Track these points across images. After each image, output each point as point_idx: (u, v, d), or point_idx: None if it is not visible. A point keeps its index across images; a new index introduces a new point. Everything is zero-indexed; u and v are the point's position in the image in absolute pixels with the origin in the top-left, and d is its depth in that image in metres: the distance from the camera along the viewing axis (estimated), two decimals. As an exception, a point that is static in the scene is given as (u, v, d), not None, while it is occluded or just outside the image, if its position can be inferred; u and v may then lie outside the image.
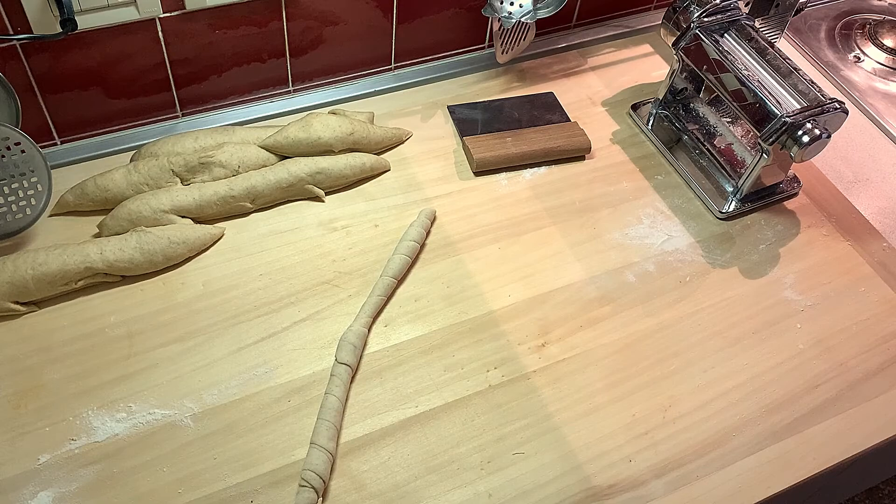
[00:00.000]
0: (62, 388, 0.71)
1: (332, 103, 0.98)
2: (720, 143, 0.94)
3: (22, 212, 0.78)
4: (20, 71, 0.81)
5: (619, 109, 1.02)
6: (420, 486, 0.67)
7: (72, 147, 0.90)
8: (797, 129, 0.82)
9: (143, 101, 0.90)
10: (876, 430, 0.75)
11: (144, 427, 0.69)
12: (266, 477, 0.67)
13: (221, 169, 0.84)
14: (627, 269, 0.85)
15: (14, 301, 0.74)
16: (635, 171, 0.94)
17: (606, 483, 0.69)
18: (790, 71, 0.86)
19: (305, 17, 0.91)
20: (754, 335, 0.81)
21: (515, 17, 0.95)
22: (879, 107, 1.06)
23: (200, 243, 0.81)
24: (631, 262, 0.85)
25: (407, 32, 0.99)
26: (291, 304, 0.78)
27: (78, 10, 0.77)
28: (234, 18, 0.87)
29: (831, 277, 0.87)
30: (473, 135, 0.94)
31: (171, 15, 0.83)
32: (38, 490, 0.64)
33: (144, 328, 0.76)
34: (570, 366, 0.76)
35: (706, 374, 0.77)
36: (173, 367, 0.73)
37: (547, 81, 1.04)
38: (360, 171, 0.89)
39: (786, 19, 0.98)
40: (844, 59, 1.14)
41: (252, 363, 0.74)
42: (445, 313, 0.79)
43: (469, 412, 0.72)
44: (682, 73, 0.95)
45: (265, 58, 0.93)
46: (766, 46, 0.89)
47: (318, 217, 0.86)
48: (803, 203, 0.93)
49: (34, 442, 0.67)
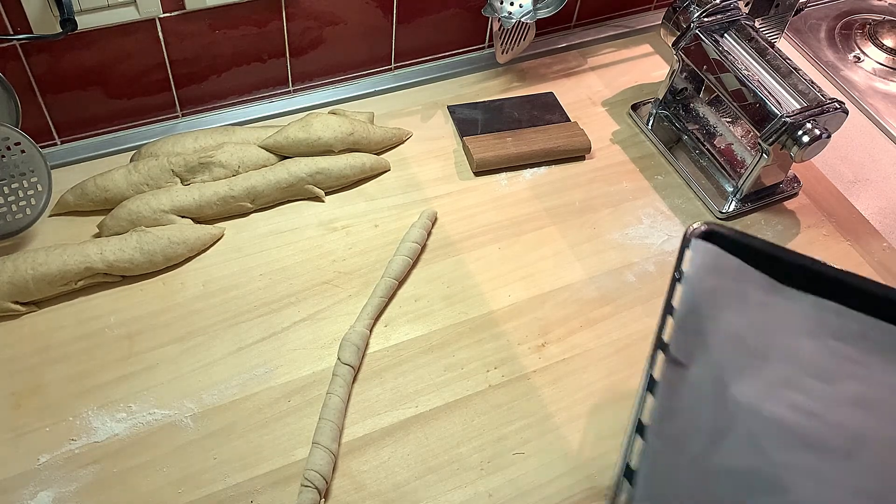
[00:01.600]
0: (62, 388, 0.71)
1: (332, 103, 0.98)
2: (720, 143, 0.94)
3: (22, 212, 0.78)
4: (20, 71, 0.81)
5: (619, 109, 1.02)
6: (420, 486, 0.67)
7: (72, 147, 0.90)
8: (797, 129, 0.82)
9: (143, 101, 0.90)
10: (876, 430, 0.75)
11: (144, 427, 0.69)
12: (266, 477, 0.67)
13: (221, 169, 0.84)
14: (627, 269, 0.85)
15: (14, 301, 0.74)
16: (635, 171, 0.94)
17: (607, 483, 0.69)
18: (790, 71, 0.86)
19: (305, 17, 0.91)
20: (754, 335, 0.81)
21: (515, 17, 0.95)
22: (879, 107, 1.06)
23: (200, 243, 0.81)
24: (631, 262, 0.85)
25: (407, 32, 0.99)
26: (291, 304, 0.78)
27: (78, 10, 0.77)
28: (234, 18, 0.87)
29: (831, 277, 0.87)
30: (473, 135, 0.94)
31: (171, 15, 0.83)
32: (38, 490, 0.64)
33: (144, 328, 0.76)
34: (570, 366, 0.76)
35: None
36: (173, 367, 0.73)
37: (547, 81, 1.04)
38: (360, 171, 0.89)
39: (786, 19, 0.98)
40: (844, 59, 1.14)
41: (252, 363, 0.74)
42: (445, 313, 0.79)
43: (469, 412, 0.72)
44: (682, 73, 0.95)
45: (265, 58, 0.93)
46: (766, 46, 0.89)
47: (318, 217, 0.86)
48: (803, 203, 0.93)
49: (34, 442, 0.67)
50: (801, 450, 0.55)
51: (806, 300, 0.63)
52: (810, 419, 0.56)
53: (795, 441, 0.55)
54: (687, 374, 0.59)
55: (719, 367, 0.59)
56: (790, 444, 0.55)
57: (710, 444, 0.55)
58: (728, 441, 0.55)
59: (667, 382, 0.58)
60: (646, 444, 0.56)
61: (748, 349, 0.61)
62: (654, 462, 0.55)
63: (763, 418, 0.57)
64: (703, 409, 0.57)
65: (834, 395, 0.57)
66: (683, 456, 0.55)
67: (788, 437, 0.56)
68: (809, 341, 0.61)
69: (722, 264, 0.64)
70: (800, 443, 0.55)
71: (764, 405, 0.57)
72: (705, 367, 0.59)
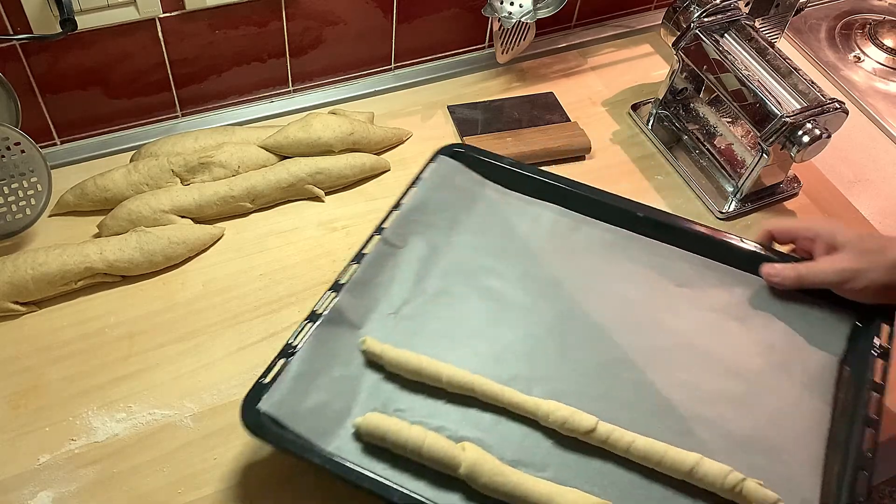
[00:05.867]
0: (62, 388, 0.71)
1: (332, 103, 0.98)
2: (720, 143, 0.94)
3: (22, 212, 0.78)
4: (20, 71, 0.81)
5: (619, 109, 1.02)
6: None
7: (72, 147, 0.90)
8: (797, 129, 0.82)
9: (143, 101, 0.90)
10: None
11: (144, 427, 0.69)
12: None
13: (221, 169, 0.84)
14: (627, 269, 0.84)
15: (14, 301, 0.74)
16: (635, 171, 0.94)
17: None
18: (790, 71, 0.86)
19: (305, 17, 0.91)
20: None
21: (515, 17, 0.95)
22: (879, 107, 1.06)
23: (200, 243, 0.81)
24: (631, 262, 0.85)
25: (407, 32, 0.99)
26: (291, 303, 0.78)
27: (78, 10, 0.77)
28: (234, 18, 0.87)
29: (831, 277, 0.86)
30: (473, 135, 0.94)
31: (170, 15, 0.83)
32: (37, 490, 0.64)
33: (144, 328, 0.75)
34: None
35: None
36: (173, 367, 0.73)
37: (547, 81, 1.04)
38: (360, 171, 0.89)
39: (786, 19, 0.98)
40: (844, 59, 1.14)
41: (252, 363, 0.73)
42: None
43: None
44: (683, 73, 0.95)
45: (265, 58, 0.93)
46: (766, 46, 0.89)
47: (318, 217, 0.86)
48: (803, 203, 0.93)
49: (34, 442, 0.67)
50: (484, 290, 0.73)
51: (533, 203, 0.80)
52: (500, 279, 0.74)
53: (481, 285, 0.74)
54: (398, 252, 0.74)
55: (431, 247, 0.75)
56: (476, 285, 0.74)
57: (404, 302, 0.71)
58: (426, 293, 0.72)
59: (376, 257, 0.72)
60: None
61: (465, 234, 0.77)
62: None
63: (463, 274, 0.74)
64: (405, 276, 0.73)
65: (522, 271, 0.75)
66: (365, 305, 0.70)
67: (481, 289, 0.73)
68: (524, 237, 0.78)
69: (461, 175, 0.81)
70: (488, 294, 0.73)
71: (465, 272, 0.74)
72: (417, 249, 0.75)
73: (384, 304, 0.71)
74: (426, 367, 0.65)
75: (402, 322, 0.70)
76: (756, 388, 0.68)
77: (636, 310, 0.73)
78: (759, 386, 0.68)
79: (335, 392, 0.65)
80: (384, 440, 0.61)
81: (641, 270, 0.76)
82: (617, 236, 0.78)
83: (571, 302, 0.73)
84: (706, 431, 0.64)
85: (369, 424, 0.62)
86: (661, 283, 0.75)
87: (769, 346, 0.71)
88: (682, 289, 0.75)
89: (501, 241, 0.77)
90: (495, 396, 0.65)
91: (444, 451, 0.60)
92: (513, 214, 0.79)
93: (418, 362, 0.66)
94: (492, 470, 0.60)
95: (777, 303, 0.73)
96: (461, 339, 0.70)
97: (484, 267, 0.75)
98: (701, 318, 0.73)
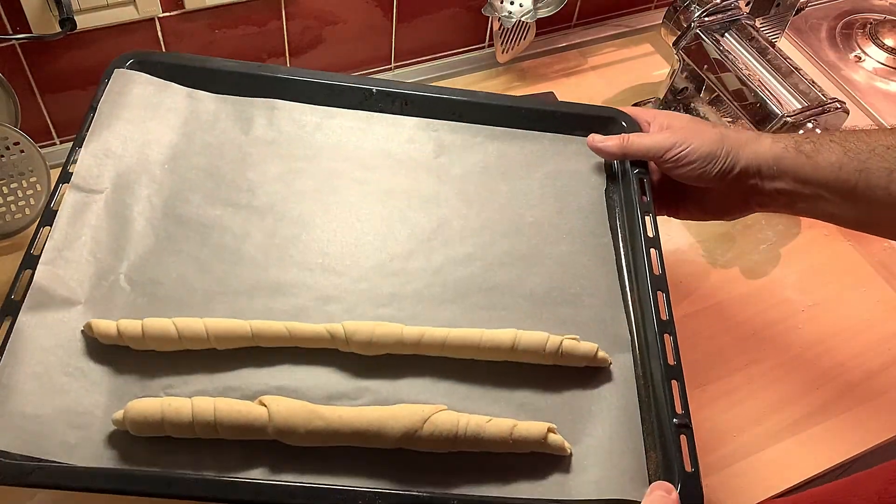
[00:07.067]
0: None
1: (331, 103, 0.98)
2: (721, 143, 0.94)
3: (21, 212, 0.78)
4: (19, 71, 0.81)
5: (620, 109, 1.01)
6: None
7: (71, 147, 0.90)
8: (798, 128, 0.81)
9: (143, 101, 0.90)
10: (876, 430, 0.75)
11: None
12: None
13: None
14: (628, 269, 0.84)
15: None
16: (635, 171, 0.94)
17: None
18: (791, 70, 0.86)
19: (305, 16, 0.91)
20: (754, 335, 0.81)
21: (515, 17, 0.95)
22: (880, 106, 1.06)
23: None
24: (631, 262, 0.85)
25: (407, 32, 0.99)
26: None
27: (77, 9, 0.77)
28: (234, 18, 0.87)
29: (832, 278, 0.86)
30: (473, 134, 0.94)
31: (170, 15, 0.83)
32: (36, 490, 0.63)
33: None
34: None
35: (707, 375, 0.77)
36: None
37: (547, 81, 1.04)
38: (359, 171, 0.89)
39: (786, 19, 0.98)
40: (845, 58, 1.14)
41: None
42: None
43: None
44: (683, 72, 0.95)
45: (265, 57, 0.93)
46: (766, 46, 0.89)
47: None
48: (804, 203, 0.93)
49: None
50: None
51: (226, 100, 0.70)
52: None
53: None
54: (99, 199, 0.62)
55: (140, 180, 0.64)
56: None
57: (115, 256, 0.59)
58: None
59: (72, 211, 0.60)
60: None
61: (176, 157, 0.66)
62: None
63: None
64: (120, 225, 0.61)
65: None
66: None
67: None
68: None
69: (141, 87, 0.68)
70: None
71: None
72: (124, 188, 0.63)
73: (104, 267, 0.58)
74: (183, 330, 0.55)
75: (134, 285, 0.58)
76: (538, 241, 0.66)
77: (394, 199, 0.67)
78: (541, 238, 0.66)
79: (74, 392, 0.53)
80: (161, 426, 0.51)
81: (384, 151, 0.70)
82: (357, 121, 0.71)
83: (323, 205, 0.65)
84: (508, 297, 0.62)
85: (136, 412, 0.51)
86: (413, 162, 0.69)
87: (540, 196, 0.68)
88: (440, 159, 0.70)
89: (214, 159, 0.67)
90: (279, 335, 0.56)
91: (241, 414, 0.51)
92: (221, 118, 0.69)
93: (169, 327, 0.54)
94: (307, 418, 0.51)
95: (536, 155, 0.71)
96: (210, 284, 0.59)
97: (205, 192, 0.65)
98: (461, 188, 0.68)
